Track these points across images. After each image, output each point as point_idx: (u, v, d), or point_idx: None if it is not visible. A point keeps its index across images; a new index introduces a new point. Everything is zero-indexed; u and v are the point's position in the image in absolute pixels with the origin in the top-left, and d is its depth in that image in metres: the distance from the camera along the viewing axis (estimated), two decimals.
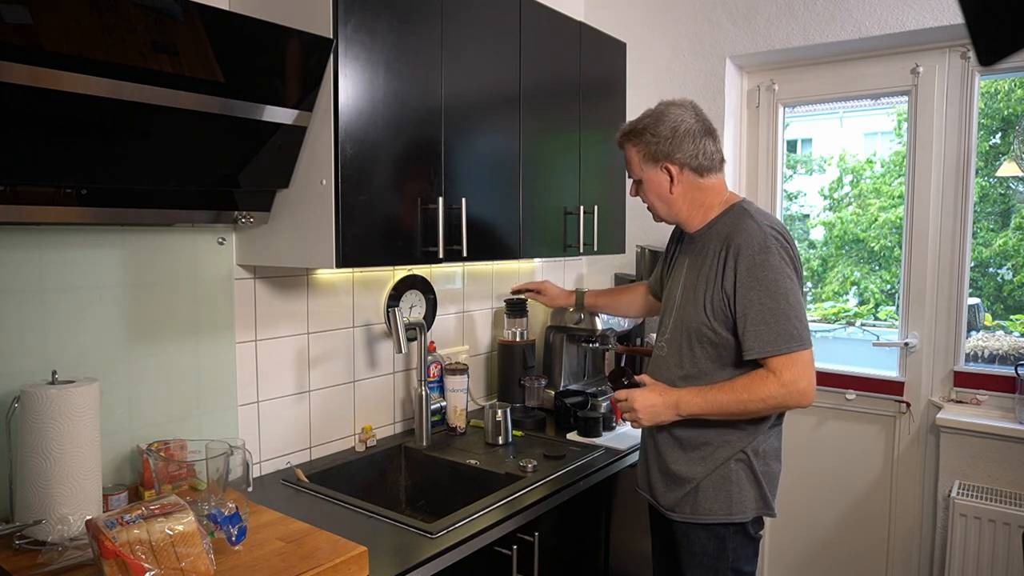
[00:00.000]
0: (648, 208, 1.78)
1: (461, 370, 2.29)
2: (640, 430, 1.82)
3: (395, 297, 2.27)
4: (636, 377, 1.76)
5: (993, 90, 2.72)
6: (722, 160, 1.72)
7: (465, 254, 1.88)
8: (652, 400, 1.65)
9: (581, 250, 2.41)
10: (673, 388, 1.66)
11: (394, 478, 2.17)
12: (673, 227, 1.87)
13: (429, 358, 2.29)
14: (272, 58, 1.48)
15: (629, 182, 1.80)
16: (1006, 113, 2.73)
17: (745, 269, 1.56)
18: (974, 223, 2.52)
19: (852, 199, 3.37)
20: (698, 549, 1.67)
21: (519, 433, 2.33)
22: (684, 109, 1.69)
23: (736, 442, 1.64)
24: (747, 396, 1.54)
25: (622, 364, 2.57)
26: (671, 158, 1.66)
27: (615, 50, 2.62)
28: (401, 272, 2.30)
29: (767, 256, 1.55)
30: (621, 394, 1.71)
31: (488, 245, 2.07)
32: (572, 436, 2.28)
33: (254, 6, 1.66)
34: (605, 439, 2.24)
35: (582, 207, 2.40)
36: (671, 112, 1.68)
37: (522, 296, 2.40)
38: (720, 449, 1.64)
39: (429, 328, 2.37)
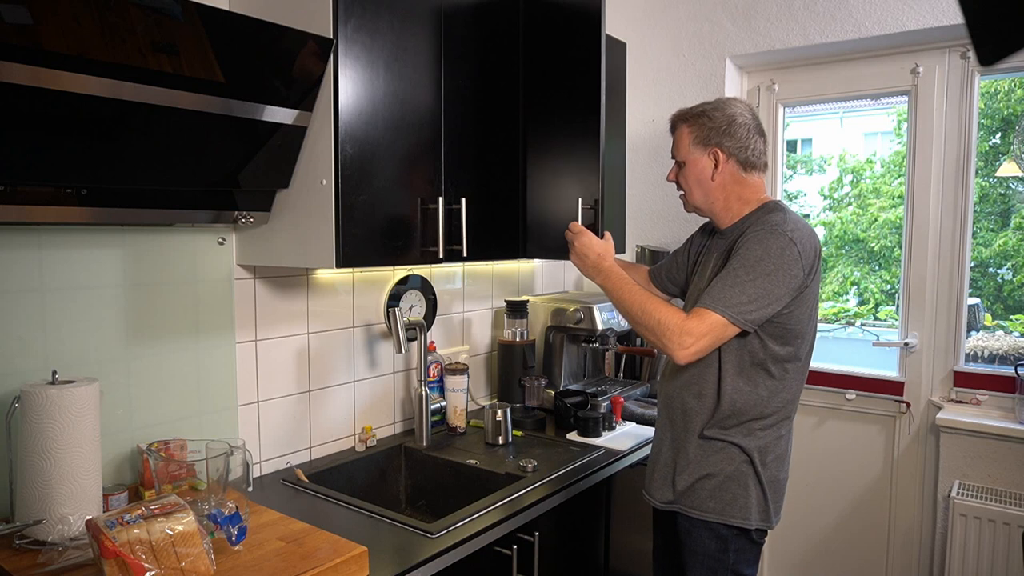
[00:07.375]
0: (682, 196, 1.79)
1: (461, 370, 2.29)
2: (655, 433, 1.85)
3: (395, 297, 2.27)
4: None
5: (993, 90, 2.72)
6: (766, 164, 1.75)
7: (465, 254, 1.88)
8: (593, 244, 1.81)
9: None
10: (611, 260, 1.80)
11: (394, 478, 2.17)
12: (702, 224, 1.91)
13: (429, 358, 2.29)
14: (272, 58, 1.48)
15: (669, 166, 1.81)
16: (1006, 113, 2.73)
17: (743, 243, 1.59)
18: (974, 223, 2.52)
19: (852, 199, 3.37)
20: (699, 548, 1.68)
21: (519, 433, 2.33)
22: (743, 105, 1.75)
23: (742, 442, 1.66)
24: (650, 307, 1.61)
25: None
26: (721, 144, 1.70)
27: (615, 50, 2.62)
28: (401, 272, 2.30)
29: (768, 238, 1.57)
30: (576, 227, 1.86)
31: (488, 245, 2.07)
32: (572, 436, 2.28)
33: (254, 6, 1.66)
34: (605, 439, 2.24)
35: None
36: (731, 104, 1.74)
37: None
38: (727, 448, 1.66)
39: (429, 328, 2.37)
